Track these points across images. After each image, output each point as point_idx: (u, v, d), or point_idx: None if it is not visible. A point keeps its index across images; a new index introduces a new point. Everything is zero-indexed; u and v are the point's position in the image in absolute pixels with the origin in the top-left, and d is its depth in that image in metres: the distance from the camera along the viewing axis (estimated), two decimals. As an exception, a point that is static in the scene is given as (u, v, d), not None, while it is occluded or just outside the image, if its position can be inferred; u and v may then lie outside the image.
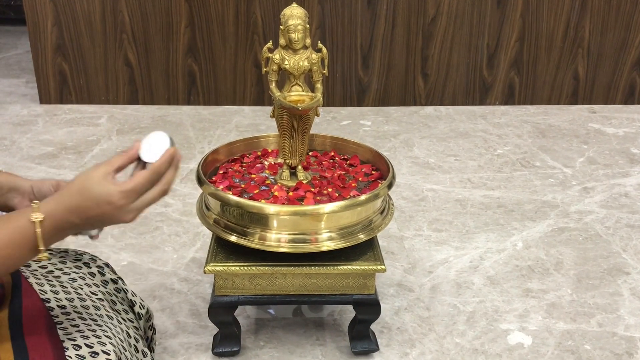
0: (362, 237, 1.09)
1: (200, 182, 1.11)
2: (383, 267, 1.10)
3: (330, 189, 1.16)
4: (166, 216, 1.69)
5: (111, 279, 1.13)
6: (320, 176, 1.21)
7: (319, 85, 1.14)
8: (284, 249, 1.05)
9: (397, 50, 2.52)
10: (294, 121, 1.13)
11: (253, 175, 1.21)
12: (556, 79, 2.58)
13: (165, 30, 2.46)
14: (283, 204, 1.08)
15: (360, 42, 2.50)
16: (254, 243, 1.06)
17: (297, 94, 1.12)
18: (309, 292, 1.12)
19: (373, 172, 1.23)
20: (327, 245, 1.06)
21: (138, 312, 1.11)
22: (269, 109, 2.59)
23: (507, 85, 2.59)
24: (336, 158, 1.29)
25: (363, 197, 1.06)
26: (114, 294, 1.11)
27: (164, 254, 1.52)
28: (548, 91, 2.60)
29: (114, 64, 2.50)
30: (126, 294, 1.13)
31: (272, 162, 1.27)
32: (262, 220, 1.05)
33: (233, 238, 1.07)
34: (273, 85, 1.13)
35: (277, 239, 1.05)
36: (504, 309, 1.34)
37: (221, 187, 1.15)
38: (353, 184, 1.18)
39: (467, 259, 1.52)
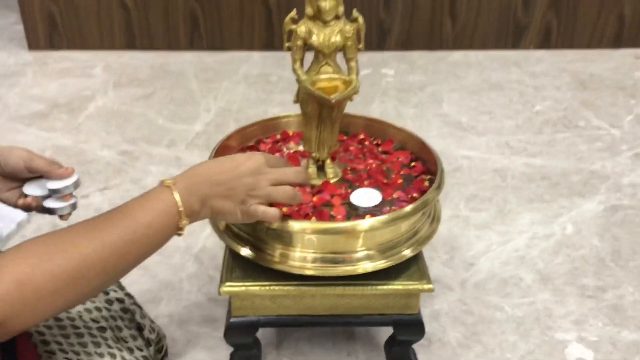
0: (408, 252, 0.91)
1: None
2: (430, 286, 0.92)
3: (367, 182, 0.97)
4: (171, 192, 1.51)
5: (117, 299, 0.97)
6: (351, 169, 1.02)
7: (353, 64, 0.92)
8: (311, 271, 0.87)
9: (423, -12, 2.25)
10: (323, 109, 0.93)
11: (272, 169, 1.02)
12: (598, 21, 2.32)
13: (164, -33, 2.20)
14: (307, 214, 0.89)
15: (382, -21, 2.24)
16: (273, 261, 0.88)
17: (327, 77, 0.91)
18: (342, 312, 0.95)
19: (412, 163, 1.04)
20: (364, 268, 0.87)
21: (147, 337, 0.96)
22: (280, 55, 2.36)
23: (543, 27, 2.33)
24: (366, 142, 1.09)
25: (409, 208, 0.87)
26: (120, 317, 0.95)
27: (171, 242, 1.33)
28: (588, 34, 2.35)
29: (108, 6, 2.25)
30: (134, 315, 0.97)
31: (293, 150, 1.07)
32: (283, 237, 0.87)
33: (248, 253, 0.90)
34: (297, 65, 0.92)
35: (302, 257, 0.87)
36: (559, 313, 1.18)
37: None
38: (399, 180, 0.98)
39: (511, 247, 1.35)
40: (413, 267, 0.94)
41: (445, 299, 1.20)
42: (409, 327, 0.97)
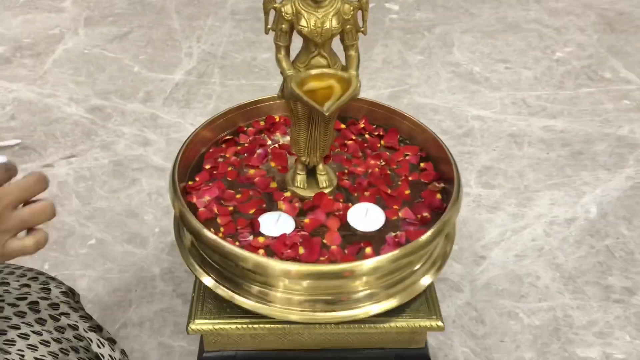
0: (422, 283, 0.75)
1: (174, 193, 0.76)
2: (440, 323, 0.78)
3: (367, 193, 0.81)
4: (145, 162, 1.34)
5: (69, 325, 0.83)
6: (348, 172, 0.85)
7: (353, 54, 0.73)
8: (296, 316, 0.72)
9: None
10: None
11: (252, 172, 0.85)
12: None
13: None
14: (294, 244, 0.73)
15: None
16: (250, 300, 0.73)
17: (319, 73, 0.72)
18: (335, 346, 0.81)
19: (422, 164, 0.87)
20: (367, 312, 0.72)
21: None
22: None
23: (567, -46, 2.07)
24: (367, 135, 0.92)
25: (423, 238, 0.70)
26: (73, 349, 0.81)
27: (143, 225, 1.19)
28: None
29: None
30: (90, 344, 0.83)
31: (279, 145, 0.90)
32: (260, 276, 0.71)
33: (218, 287, 0.74)
34: (282, 55, 0.73)
35: (285, 300, 0.72)
36: (580, 322, 1.04)
37: (206, 198, 0.79)
38: (405, 191, 0.82)
39: (528, 234, 1.20)
40: (420, 298, 0.79)
41: (453, 302, 1.07)
42: (413, 361, 0.83)
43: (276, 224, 0.76)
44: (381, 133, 0.92)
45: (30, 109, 1.50)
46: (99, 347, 0.83)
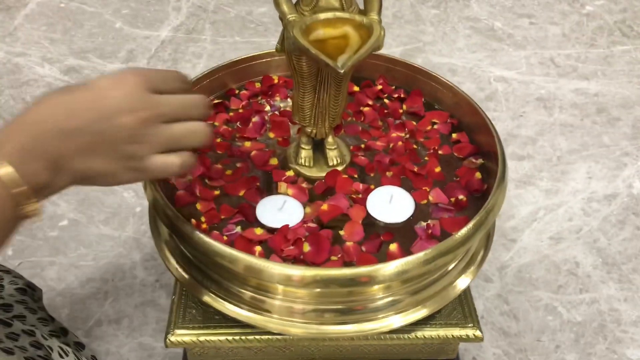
0: (457, 286, 0.61)
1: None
2: (479, 333, 0.63)
3: (390, 174, 0.65)
4: (126, 130, 1.18)
5: (24, 331, 0.69)
6: (365, 146, 0.69)
7: (373, -2, 0.57)
8: (299, 329, 0.57)
9: None
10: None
11: (248, 144, 0.69)
12: None
13: None
14: (298, 239, 0.57)
15: None
16: (241, 309, 0.58)
17: (331, 18, 0.56)
18: (347, 357, 0.67)
19: (454, 134, 0.71)
20: (387, 325, 0.57)
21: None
22: None
23: None
24: (384, 100, 0.75)
25: (462, 232, 0.55)
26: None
27: (122, 203, 1.04)
28: None
29: None
30: (51, 353, 0.69)
31: (279, 111, 0.74)
32: (253, 279, 0.56)
33: (206, 296, 0.59)
34: (282, -4, 0.57)
35: (285, 309, 0.57)
36: (629, 317, 0.90)
37: (188, 177, 0.64)
38: (436, 168, 0.66)
39: (563, 213, 1.04)
40: (455, 301, 0.65)
41: (481, 294, 0.92)
42: (442, 375, 0.69)
43: (280, 211, 0.61)
44: (402, 95, 0.76)
45: (-3, 69, 1.33)
46: (61, 356, 0.69)
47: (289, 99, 0.75)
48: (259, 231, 0.59)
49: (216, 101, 0.74)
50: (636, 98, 1.29)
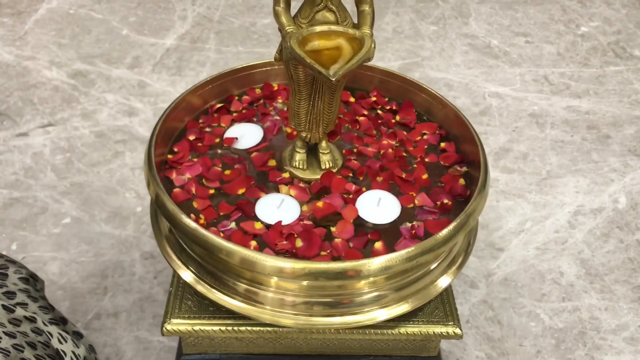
0: (439, 284, 0.64)
1: (149, 170, 0.64)
2: (458, 330, 0.67)
3: (380, 179, 0.69)
4: (130, 133, 1.22)
5: (25, 317, 0.72)
6: (357, 152, 0.73)
7: (367, 9, 0.61)
8: (289, 320, 0.60)
9: None
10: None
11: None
12: None
13: None
14: (290, 235, 0.61)
15: None
16: (235, 300, 0.61)
17: (326, 31, 0.60)
18: (334, 352, 0.70)
19: (442, 144, 0.75)
20: (372, 318, 0.61)
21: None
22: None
23: None
24: (378, 110, 0.79)
25: (443, 232, 0.59)
26: (30, 345, 0.70)
27: (124, 203, 1.08)
28: None
29: None
30: (50, 338, 0.73)
31: (279, 113, 0.78)
32: (247, 272, 0.60)
33: (197, 283, 0.63)
34: (281, 7, 0.61)
35: (277, 301, 0.61)
36: (608, 326, 0.93)
37: (186, 176, 0.68)
38: (423, 175, 0.70)
39: (550, 225, 1.08)
40: (434, 300, 0.68)
41: (468, 300, 0.95)
42: (424, 371, 0.72)
43: (278, 209, 0.64)
44: (394, 107, 0.80)
45: (7, 72, 1.37)
46: (60, 342, 0.73)
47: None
48: (258, 225, 0.62)
49: (218, 105, 0.78)
50: (626, 117, 1.33)
